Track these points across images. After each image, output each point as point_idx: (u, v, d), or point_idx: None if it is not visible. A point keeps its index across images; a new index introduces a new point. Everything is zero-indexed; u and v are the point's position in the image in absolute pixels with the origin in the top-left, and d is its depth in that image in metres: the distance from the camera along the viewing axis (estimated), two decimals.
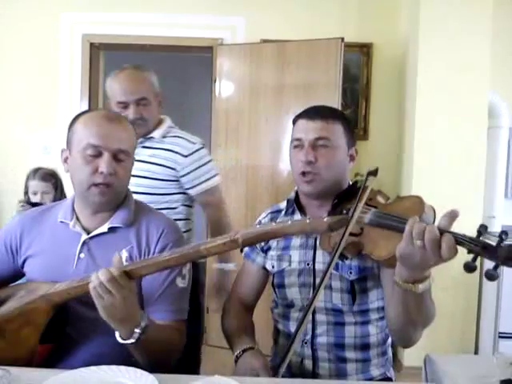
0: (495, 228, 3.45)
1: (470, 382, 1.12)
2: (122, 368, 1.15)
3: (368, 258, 1.34)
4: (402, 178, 3.70)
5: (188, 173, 2.10)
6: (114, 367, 1.15)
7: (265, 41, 3.71)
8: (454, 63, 3.32)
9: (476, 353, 3.38)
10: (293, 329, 1.52)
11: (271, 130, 3.59)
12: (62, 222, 1.48)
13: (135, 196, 2.04)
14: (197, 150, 2.12)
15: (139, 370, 1.14)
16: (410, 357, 3.32)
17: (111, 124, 1.42)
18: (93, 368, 1.16)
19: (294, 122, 1.56)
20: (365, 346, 1.48)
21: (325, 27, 3.70)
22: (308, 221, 1.11)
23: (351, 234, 1.29)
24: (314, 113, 1.51)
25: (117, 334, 1.24)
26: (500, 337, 3.21)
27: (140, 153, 2.04)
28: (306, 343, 1.48)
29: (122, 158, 1.43)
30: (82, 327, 1.40)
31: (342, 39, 3.41)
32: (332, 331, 1.47)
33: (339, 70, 3.41)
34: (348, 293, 1.45)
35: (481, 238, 1.00)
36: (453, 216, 1.04)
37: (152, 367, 1.24)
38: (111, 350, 1.31)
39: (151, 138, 2.12)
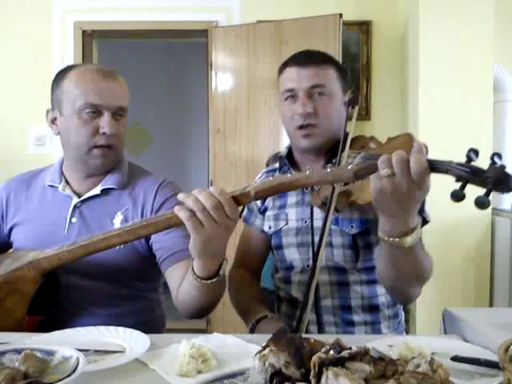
0: (505, 205, 3.33)
1: (494, 330, 1.02)
2: (111, 328, 1.05)
3: (367, 210, 1.23)
4: None
5: None
6: (102, 328, 1.05)
7: (261, 21, 3.60)
8: (457, 37, 3.20)
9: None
10: (295, 293, 1.42)
11: (270, 112, 3.48)
12: (50, 185, 1.39)
13: None
14: None
15: (129, 330, 1.05)
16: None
17: (108, 80, 1.32)
18: (79, 329, 1.06)
19: (281, 71, 1.43)
20: (373, 308, 1.37)
21: (322, 6, 3.58)
22: (329, 170, 0.97)
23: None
24: (304, 58, 1.39)
25: (194, 273, 1.07)
26: None
27: None
28: None
29: (120, 115, 1.34)
30: (75, 298, 1.31)
31: (341, 15, 3.32)
32: (336, 292, 1.36)
33: (338, 47, 3.31)
34: (350, 248, 1.34)
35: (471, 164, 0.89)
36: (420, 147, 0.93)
37: (204, 311, 1.18)
38: (107, 323, 1.21)
39: None
